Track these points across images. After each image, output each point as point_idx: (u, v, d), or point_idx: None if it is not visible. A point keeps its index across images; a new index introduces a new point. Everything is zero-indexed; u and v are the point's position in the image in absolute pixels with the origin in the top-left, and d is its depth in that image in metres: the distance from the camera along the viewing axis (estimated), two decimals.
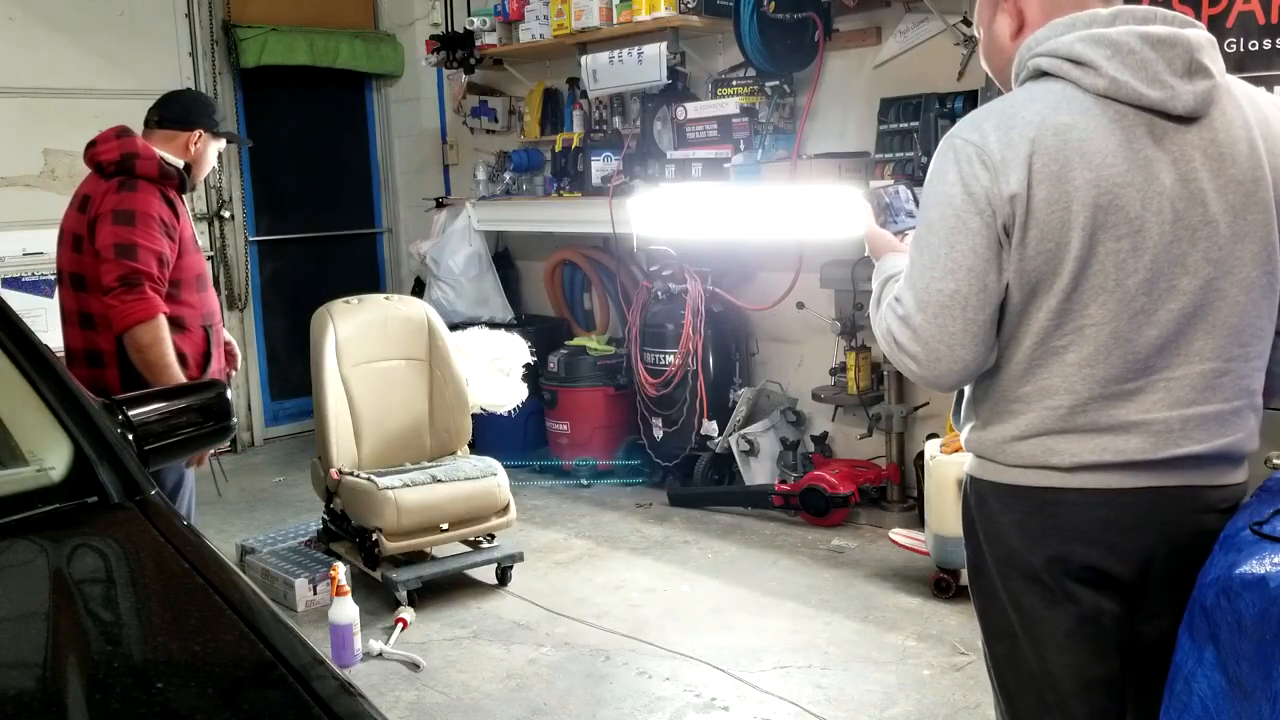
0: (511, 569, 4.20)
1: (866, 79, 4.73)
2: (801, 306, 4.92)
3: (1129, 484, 1.64)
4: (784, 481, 4.83)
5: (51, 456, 1.68)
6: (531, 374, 5.03)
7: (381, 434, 4.29)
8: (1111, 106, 1.59)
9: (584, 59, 5.26)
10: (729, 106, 4.80)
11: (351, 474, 4.08)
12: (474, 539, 4.19)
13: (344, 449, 4.17)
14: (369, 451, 4.26)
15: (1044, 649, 1.71)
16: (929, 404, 4.64)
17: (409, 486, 3.94)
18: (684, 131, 4.95)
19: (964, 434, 1.80)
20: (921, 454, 4.18)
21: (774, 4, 4.47)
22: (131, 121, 3.28)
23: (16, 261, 5.52)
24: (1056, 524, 1.67)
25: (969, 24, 4.18)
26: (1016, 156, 1.56)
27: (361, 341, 4.28)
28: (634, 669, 3.50)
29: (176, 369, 3.06)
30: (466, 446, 4.47)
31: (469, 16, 5.76)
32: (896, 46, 4.62)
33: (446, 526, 4.00)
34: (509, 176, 5.95)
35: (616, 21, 5.00)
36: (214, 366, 3.25)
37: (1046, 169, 1.56)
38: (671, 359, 5.12)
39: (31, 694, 1.28)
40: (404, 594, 3.91)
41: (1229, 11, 3.52)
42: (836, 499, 4.60)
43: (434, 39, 5.83)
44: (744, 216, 4.65)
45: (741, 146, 4.75)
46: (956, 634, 3.59)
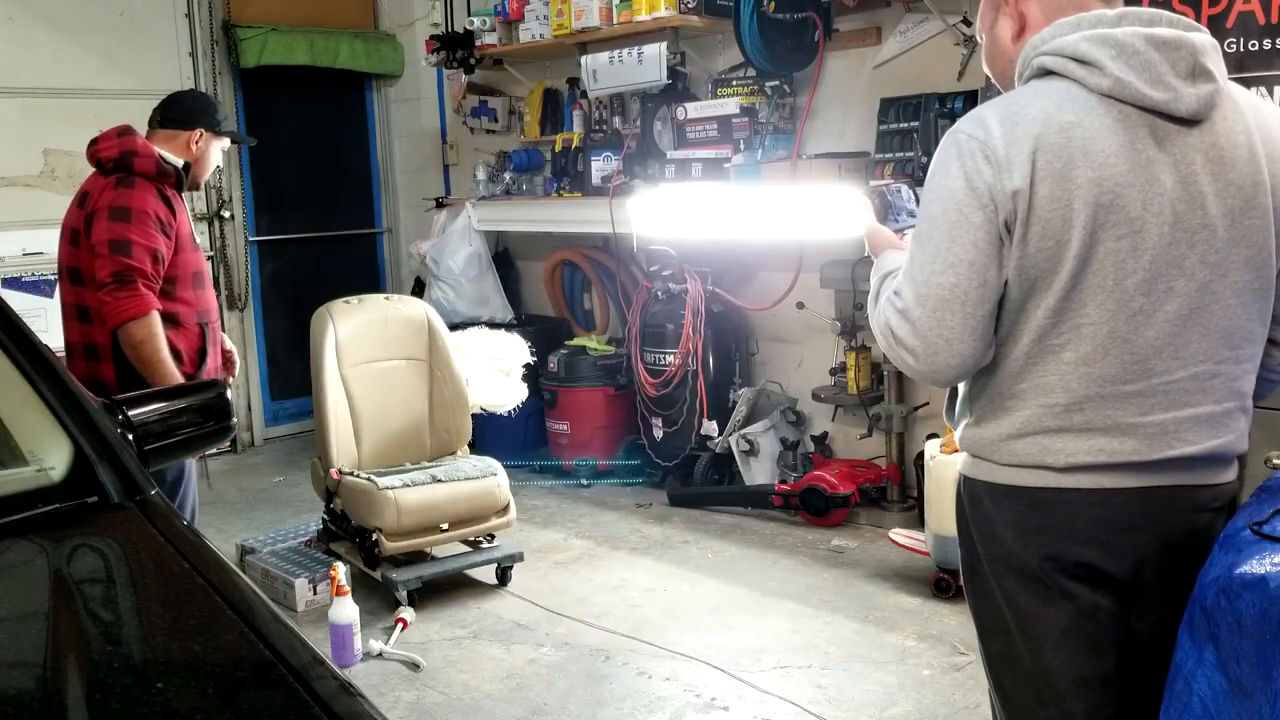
0: (511, 569, 4.20)
1: (866, 79, 4.73)
2: (801, 306, 4.92)
3: (1122, 484, 1.65)
4: (784, 481, 4.82)
5: (51, 456, 1.68)
6: (531, 374, 5.02)
7: (381, 434, 4.29)
8: (1115, 107, 1.59)
9: (584, 59, 5.26)
10: (729, 106, 4.80)
11: (351, 474, 4.08)
12: (474, 539, 4.19)
13: (344, 449, 4.17)
14: (369, 451, 4.26)
15: (1040, 647, 1.71)
16: (929, 404, 4.64)
17: (409, 486, 3.94)
18: (684, 131, 4.95)
19: (958, 431, 1.80)
20: (921, 454, 4.18)
21: (774, 4, 4.47)
22: (131, 121, 3.29)
23: (16, 261, 5.53)
24: (1051, 523, 1.67)
25: (969, 24, 4.18)
26: (1020, 152, 1.56)
27: (361, 341, 4.28)
28: (634, 669, 3.50)
29: (170, 365, 3.07)
30: (466, 446, 4.47)
31: (469, 16, 5.76)
32: (896, 46, 4.62)
33: (446, 526, 4.00)
34: (509, 176, 5.95)
35: (616, 21, 5.00)
36: (209, 365, 3.26)
37: (1050, 166, 1.56)
38: (671, 359, 5.12)
39: (31, 694, 1.28)
40: (404, 594, 3.91)
41: (1229, 12, 3.52)
42: (836, 499, 4.60)
43: (434, 39, 5.83)
44: (744, 216, 4.64)
45: (741, 146, 4.74)
46: (956, 634, 3.59)
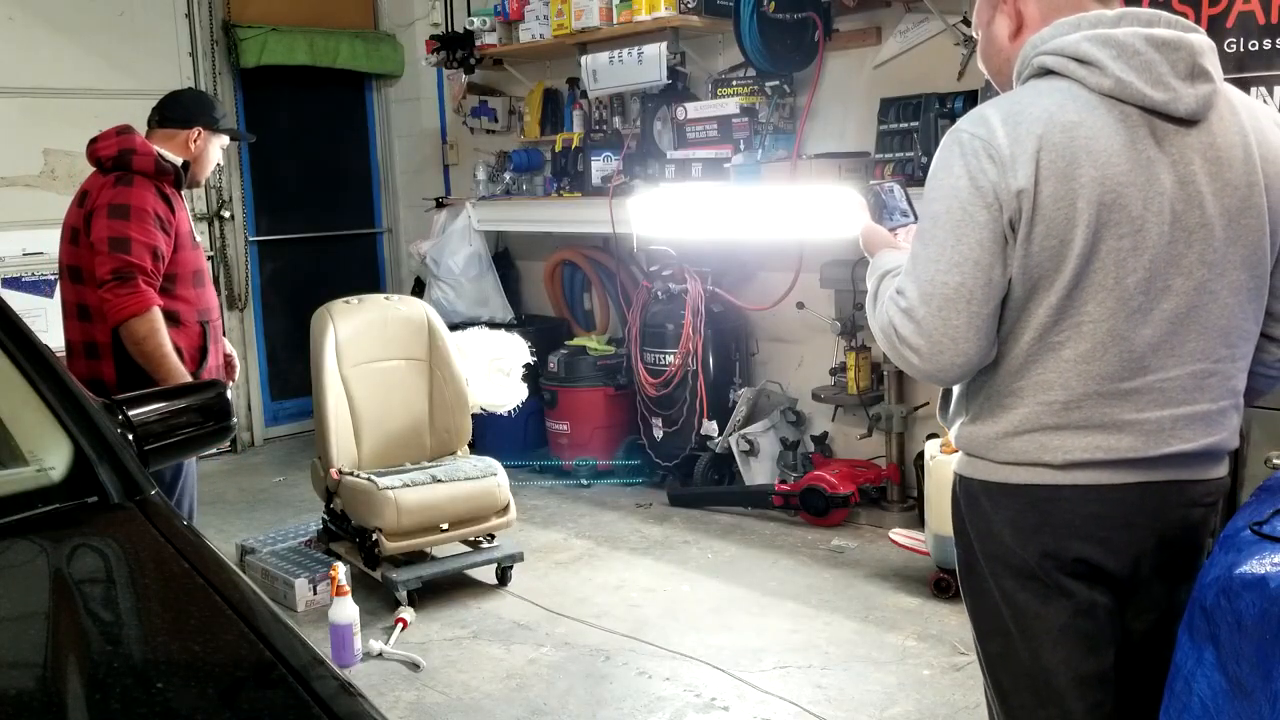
0: (511, 569, 4.20)
1: (866, 79, 4.73)
2: (801, 306, 4.92)
3: (1120, 480, 1.66)
4: (784, 481, 4.82)
5: (51, 456, 1.68)
6: (531, 374, 5.02)
7: (381, 434, 4.29)
8: (1116, 106, 1.60)
9: (584, 59, 5.26)
10: (729, 106, 4.79)
11: (351, 474, 4.08)
12: (474, 539, 4.19)
13: (344, 449, 4.17)
14: (369, 451, 4.26)
15: (1038, 645, 1.72)
16: (929, 404, 4.64)
17: (409, 486, 3.94)
18: (684, 131, 4.95)
19: (953, 430, 1.80)
20: (921, 454, 4.18)
21: (774, 4, 4.47)
22: (132, 122, 3.30)
23: (16, 261, 5.53)
24: (1049, 520, 1.68)
25: (969, 24, 4.14)
26: (1025, 152, 1.57)
27: (361, 341, 4.28)
28: (634, 669, 3.50)
29: (175, 360, 3.07)
30: (466, 446, 4.47)
31: (469, 16, 5.76)
32: (896, 46, 4.62)
33: (446, 526, 4.00)
34: (509, 176, 5.95)
35: (616, 21, 5.00)
36: (211, 363, 3.25)
37: (1054, 165, 1.57)
38: (671, 359, 5.11)
39: (31, 694, 1.28)
40: (404, 594, 3.91)
41: (1229, 11, 3.52)
42: (836, 499, 4.60)
43: (434, 39, 5.83)
44: (744, 216, 4.64)
45: (741, 146, 4.74)
46: (956, 634, 3.59)
